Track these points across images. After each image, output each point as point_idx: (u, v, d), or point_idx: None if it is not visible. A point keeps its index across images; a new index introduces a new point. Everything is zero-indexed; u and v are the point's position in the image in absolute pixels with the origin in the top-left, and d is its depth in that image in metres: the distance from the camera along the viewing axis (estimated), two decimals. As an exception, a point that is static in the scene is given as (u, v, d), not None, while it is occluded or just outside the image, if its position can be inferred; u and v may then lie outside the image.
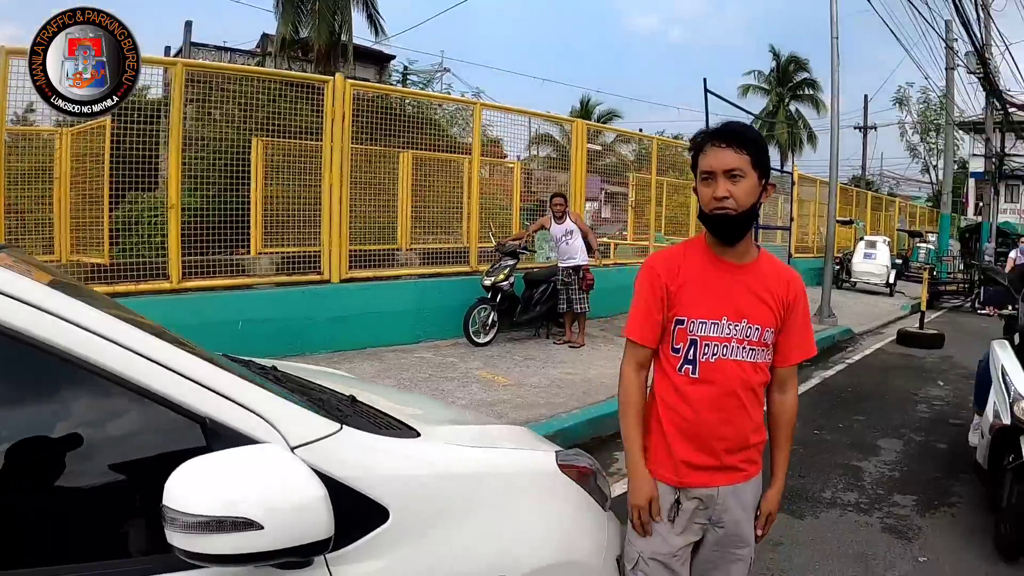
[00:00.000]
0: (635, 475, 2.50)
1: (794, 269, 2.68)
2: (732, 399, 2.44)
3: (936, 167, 45.94)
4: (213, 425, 1.60)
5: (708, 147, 2.34)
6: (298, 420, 1.76)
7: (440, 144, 11.45)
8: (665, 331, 2.47)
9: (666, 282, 2.44)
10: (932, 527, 5.26)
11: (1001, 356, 5.17)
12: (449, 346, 9.49)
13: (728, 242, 2.41)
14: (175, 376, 1.59)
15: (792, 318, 2.52)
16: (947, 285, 22.08)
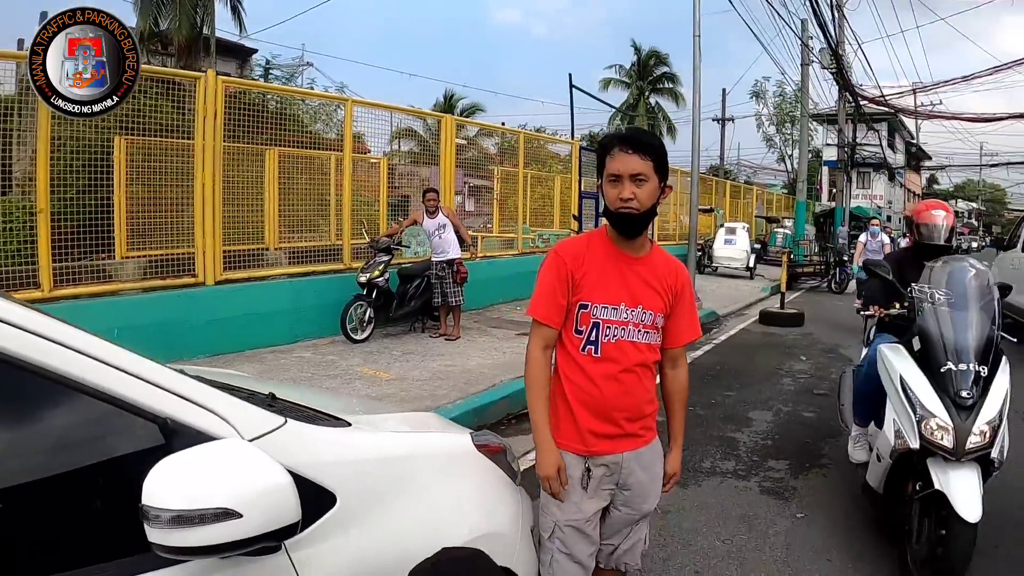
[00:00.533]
0: (542, 448, 2.78)
1: (680, 261, 3.12)
2: (630, 375, 2.80)
3: (791, 156, 48.84)
4: (174, 424, 1.71)
5: (616, 151, 2.68)
6: (249, 416, 1.90)
7: (304, 141, 11.59)
8: (569, 314, 2.79)
9: (572, 269, 2.76)
10: (806, 487, 6.01)
11: (899, 366, 4.50)
12: (327, 344, 9.79)
13: (629, 237, 2.79)
14: (134, 379, 1.69)
15: (680, 304, 2.93)
16: (804, 267, 23.80)
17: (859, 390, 5.35)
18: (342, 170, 10.98)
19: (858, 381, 5.39)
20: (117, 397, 1.65)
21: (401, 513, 2.23)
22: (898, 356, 4.60)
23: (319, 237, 11.40)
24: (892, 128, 53.46)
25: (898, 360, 4.55)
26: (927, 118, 42.24)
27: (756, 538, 5.01)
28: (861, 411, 5.33)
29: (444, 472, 2.56)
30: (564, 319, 2.82)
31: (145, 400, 1.69)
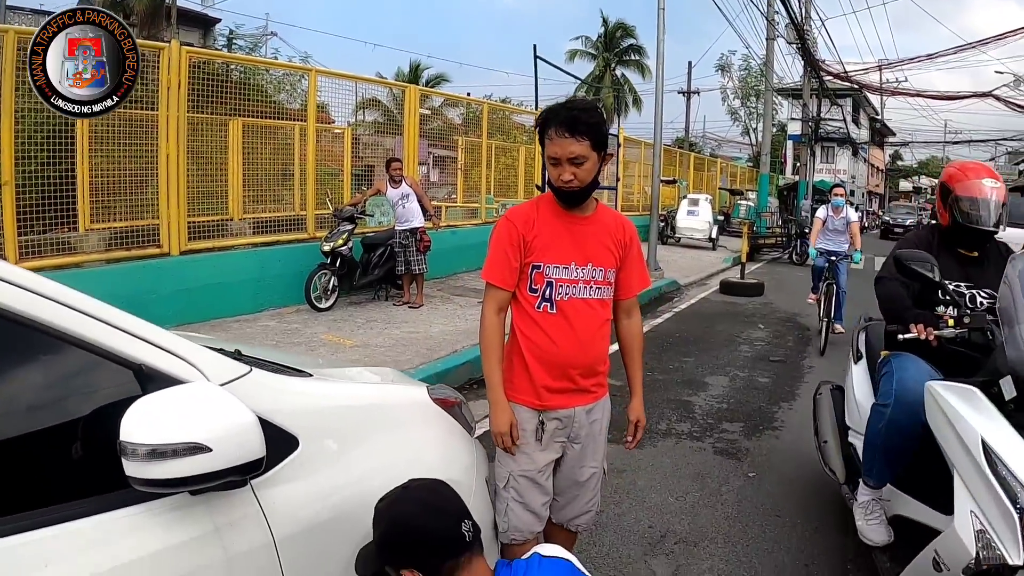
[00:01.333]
0: (496, 406, 2.93)
1: (625, 216, 3.29)
2: (584, 332, 2.95)
3: (756, 130, 49.42)
4: (148, 370, 1.81)
5: (553, 134, 2.80)
6: (217, 364, 2.00)
7: (268, 111, 11.56)
8: (522, 275, 2.93)
9: (523, 233, 2.90)
10: (758, 448, 6.27)
11: (978, 423, 2.90)
12: (292, 313, 9.88)
13: (573, 208, 2.96)
14: (112, 329, 1.79)
15: (629, 256, 3.09)
16: (766, 239, 24.18)
17: (881, 442, 3.68)
18: (306, 140, 11.00)
19: (876, 426, 3.72)
20: (95, 345, 1.75)
21: (361, 458, 2.35)
22: (972, 406, 3.00)
23: (283, 207, 11.42)
24: (856, 104, 54.06)
25: (975, 413, 2.95)
26: (891, 95, 42.91)
27: (708, 496, 5.22)
28: (879, 469, 3.77)
29: (402, 421, 2.71)
30: (518, 281, 2.96)
31: (122, 347, 1.79)
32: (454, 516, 2.03)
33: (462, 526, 2.01)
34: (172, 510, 1.80)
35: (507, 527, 3.02)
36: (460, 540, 1.99)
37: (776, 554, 4.43)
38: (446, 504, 2.07)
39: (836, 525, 4.83)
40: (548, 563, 2.09)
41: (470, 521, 2.05)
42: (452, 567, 1.97)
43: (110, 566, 1.67)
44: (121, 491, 1.72)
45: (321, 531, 2.13)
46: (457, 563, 1.98)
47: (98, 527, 1.69)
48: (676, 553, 4.37)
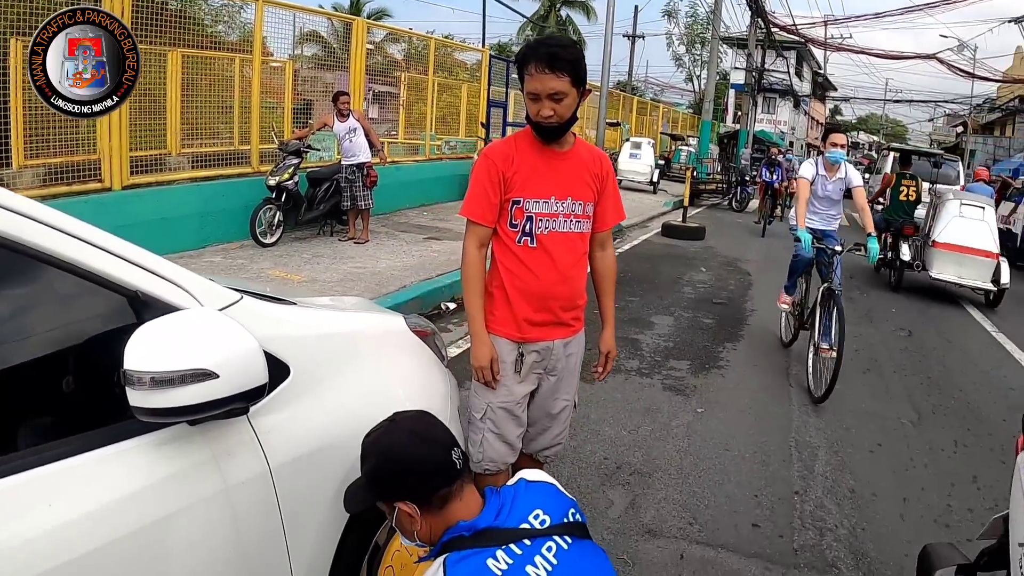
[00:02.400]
0: (477, 340, 2.98)
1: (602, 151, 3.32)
2: (564, 265, 3.00)
3: (699, 77, 49.51)
4: (144, 297, 1.78)
5: (533, 69, 2.79)
6: (211, 290, 1.97)
7: (206, 43, 11.22)
8: (503, 211, 2.96)
9: (502, 169, 2.91)
10: (705, 385, 6.44)
11: None
12: (237, 248, 9.72)
13: (552, 142, 3.01)
14: (106, 254, 1.74)
15: (606, 190, 3.13)
16: (707, 185, 24.49)
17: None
18: (248, 73, 10.72)
19: None
20: (90, 271, 1.70)
21: (348, 385, 2.37)
22: None
23: (224, 141, 11.13)
24: (801, 57, 54.61)
25: None
26: (836, 50, 43.41)
27: (659, 429, 5.36)
28: None
29: (384, 349, 2.74)
30: (498, 216, 2.98)
31: (117, 274, 1.75)
32: (444, 444, 2.04)
33: (452, 453, 2.02)
34: (170, 441, 1.77)
35: (481, 457, 3.08)
36: (452, 467, 2.00)
37: (726, 485, 4.59)
38: (435, 432, 2.08)
39: (782, 459, 5.04)
40: (535, 487, 2.12)
41: (459, 449, 2.06)
42: (445, 495, 1.99)
43: (112, 501, 1.64)
44: (119, 423, 1.70)
45: (312, 459, 2.15)
46: (450, 491, 1.99)
47: (98, 462, 1.65)
48: (632, 484, 4.49)
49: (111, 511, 1.63)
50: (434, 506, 1.99)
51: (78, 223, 1.75)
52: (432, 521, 2.01)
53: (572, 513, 2.09)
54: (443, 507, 2.00)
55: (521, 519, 1.99)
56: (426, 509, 1.99)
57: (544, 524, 2.00)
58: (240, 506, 1.90)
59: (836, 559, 3.89)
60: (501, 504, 2.03)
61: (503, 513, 2.00)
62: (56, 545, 1.52)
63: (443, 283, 8.49)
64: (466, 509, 2.01)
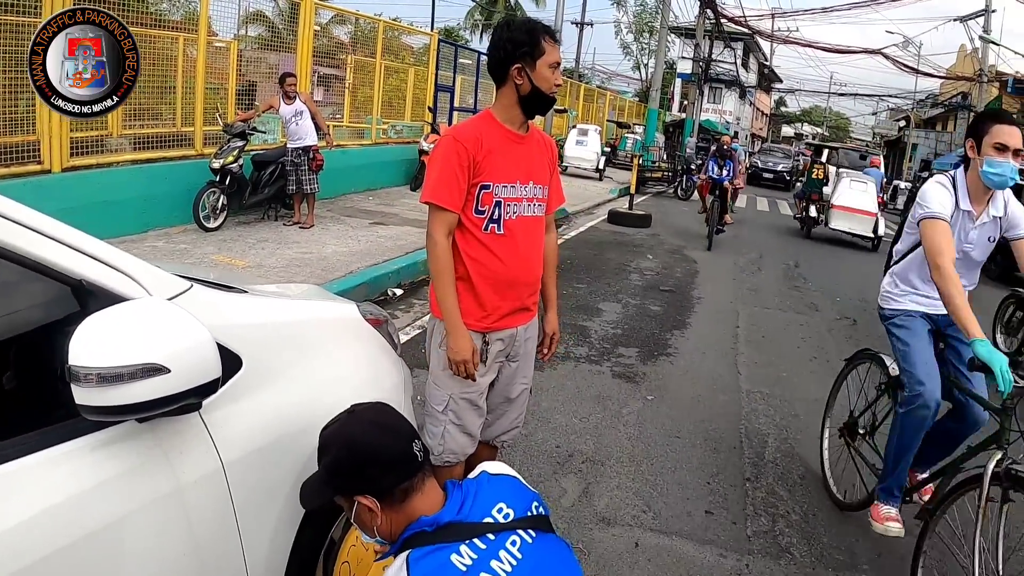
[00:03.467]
0: (455, 332, 2.88)
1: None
2: (529, 249, 3.01)
3: (647, 66, 49.74)
4: (88, 286, 1.68)
5: (551, 42, 2.90)
6: (158, 278, 1.88)
7: (148, 21, 10.95)
8: (468, 197, 2.88)
9: (472, 153, 2.84)
10: (654, 372, 6.44)
11: None
12: (179, 232, 9.47)
13: (541, 115, 3.08)
14: (47, 239, 1.64)
15: (554, 174, 3.18)
16: (653, 172, 24.57)
17: None
18: (192, 53, 10.47)
19: None
20: (29, 257, 1.60)
21: (301, 376, 2.30)
22: None
23: (166, 123, 10.85)
24: (748, 48, 55.18)
25: None
26: (783, 43, 44.00)
27: (610, 417, 5.36)
28: None
29: (338, 337, 2.66)
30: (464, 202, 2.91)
31: (59, 261, 1.64)
32: (405, 435, 1.99)
33: (414, 445, 1.97)
34: (119, 440, 1.68)
35: (442, 450, 3.05)
36: (413, 459, 1.96)
37: (679, 472, 4.60)
38: (396, 423, 2.02)
39: (732, 446, 5.08)
40: (498, 480, 2.08)
41: (420, 441, 2.01)
42: (407, 488, 1.94)
43: (58, 504, 1.54)
44: (64, 423, 1.61)
45: (266, 454, 2.07)
46: (411, 484, 1.94)
47: (42, 464, 1.55)
48: (584, 472, 4.47)
49: (57, 515, 1.54)
50: (395, 500, 1.94)
51: (16, 206, 1.65)
52: (393, 516, 1.95)
53: (536, 506, 2.06)
54: (404, 501, 1.94)
55: (484, 513, 1.95)
56: (387, 503, 1.94)
57: (508, 518, 1.96)
58: (193, 504, 1.82)
59: (789, 544, 3.92)
60: (464, 498, 1.99)
61: (466, 507, 1.96)
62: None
63: (390, 268, 8.40)
64: (428, 503, 1.96)
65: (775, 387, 6.30)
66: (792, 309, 9.57)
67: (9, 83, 8.30)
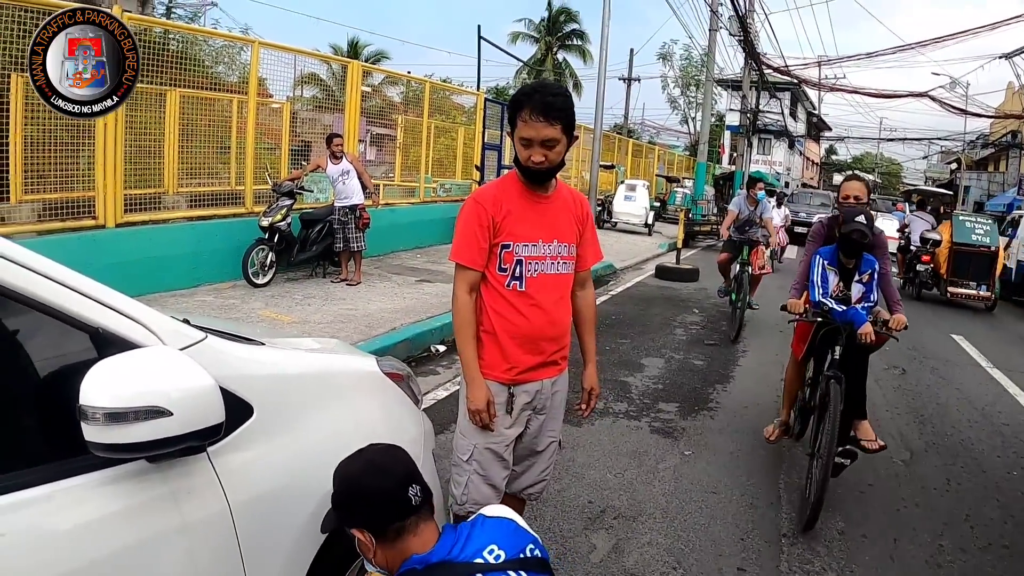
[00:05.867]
0: (473, 383, 3.01)
1: (580, 192, 3.41)
2: (552, 306, 3.08)
3: (694, 119, 49.97)
4: (105, 334, 1.80)
5: (527, 116, 2.86)
6: (173, 329, 1.98)
7: (205, 83, 11.31)
8: (491, 256, 3.00)
9: (492, 214, 2.96)
10: (694, 428, 6.39)
11: None
12: (229, 288, 9.72)
13: (540, 185, 3.07)
14: (69, 291, 1.77)
15: (586, 231, 3.23)
16: (701, 226, 24.49)
17: None
18: (245, 113, 10.80)
19: None
20: (52, 307, 1.72)
21: (313, 427, 2.38)
22: None
23: (220, 181, 11.19)
24: (795, 97, 55.12)
25: None
26: (830, 90, 43.79)
27: (646, 473, 5.32)
28: None
29: (353, 390, 2.74)
30: (487, 261, 3.02)
31: (79, 310, 1.76)
32: (399, 478, 2.06)
33: (409, 489, 2.04)
34: (128, 477, 1.79)
35: (466, 500, 3.10)
36: (405, 502, 2.03)
37: (712, 528, 4.54)
38: (393, 465, 2.10)
39: (770, 502, 4.99)
40: (492, 522, 2.12)
41: (418, 486, 2.08)
42: (399, 528, 2.02)
43: (66, 534, 1.66)
44: (76, 458, 1.70)
45: (274, 498, 2.15)
46: (403, 525, 2.02)
47: (54, 495, 1.67)
48: (616, 528, 4.44)
49: (65, 542, 1.65)
50: (388, 538, 2.03)
51: (42, 259, 1.77)
52: (386, 552, 2.04)
53: (530, 548, 2.09)
54: (396, 539, 2.03)
55: (476, 554, 2.01)
56: (380, 539, 2.03)
57: (499, 559, 2.01)
58: (199, 543, 1.90)
59: (822, 604, 3.84)
60: (456, 539, 2.05)
61: (456, 547, 2.02)
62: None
63: (433, 325, 8.47)
64: (421, 544, 2.05)
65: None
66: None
67: (70, 141, 8.63)
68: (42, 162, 8.52)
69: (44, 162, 8.53)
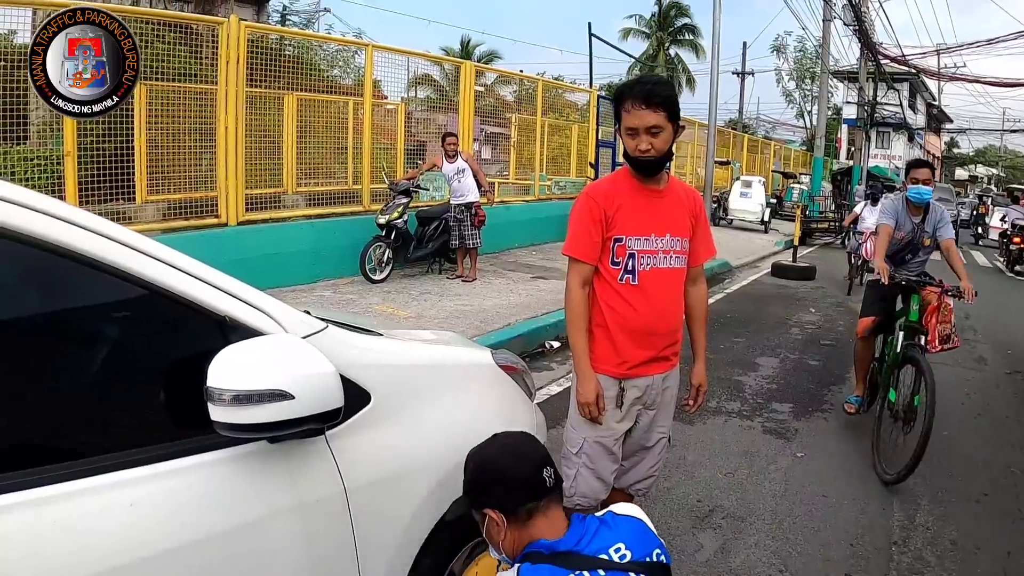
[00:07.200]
0: (583, 376, 3.05)
1: (693, 188, 3.41)
2: (664, 300, 3.09)
3: (810, 113, 48.78)
4: (232, 322, 1.89)
5: (630, 106, 2.89)
6: (296, 318, 2.09)
7: (321, 86, 11.67)
8: (604, 249, 3.03)
9: (604, 208, 3.00)
10: (807, 429, 6.25)
11: None
12: (347, 284, 10.01)
13: (650, 177, 3.05)
14: (200, 282, 1.89)
15: (699, 226, 3.22)
16: (819, 223, 23.90)
17: None
18: (361, 115, 11.11)
19: None
20: (185, 298, 1.85)
21: (428, 416, 2.44)
22: None
23: (337, 181, 11.56)
24: (913, 88, 52.99)
25: None
26: (949, 80, 41.98)
27: (756, 473, 5.25)
28: None
29: (468, 381, 2.80)
30: (600, 254, 3.05)
31: (209, 300, 1.88)
32: (534, 460, 2.10)
33: (543, 471, 2.08)
34: (251, 456, 1.89)
35: (574, 492, 3.14)
36: (540, 484, 2.06)
37: (822, 532, 4.44)
38: (528, 449, 2.15)
39: (882, 507, 4.85)
40: (622, 520, 2.13)
41: (552, 468, 2.12)
42: (532, 509, 2.05)
43: (191, 507, 1.77)
44: (203, 436, 1.81)
45: (388, 484, 2.22)
46: (536, 506, 2.05)
47: (181, 470, 1.79)
48: (723, 528, 4.41)
49: (190, 514, 1.77)
50: (520, 518, 2.06)
51: (175, 253, 1.90)
52: (516, 534, 2.07)
53: (657, 553, 2.08)
54: (528, 521, 2.06)
55: (601, 549, 2.01)
56: (512, 520, 2.06)
57: (624, 559, 2.01)
58: (314, 522, 1.99)
59: (933, 614, 3.73)
60: (584, 531, 2.06)
61: (584, 540, 2.03)
62: (132, 543, 1.66)
63: (548, 322, 8.53)
64: (550, 528, 2.06)
65: (935, 445, 6.01)
66: (958, 363, 9.05)
67: (194, 144, 9.01)
68: (167, 165, 8.94)
69: (169, 165, 8.95)
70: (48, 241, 1.63)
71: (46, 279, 1.73)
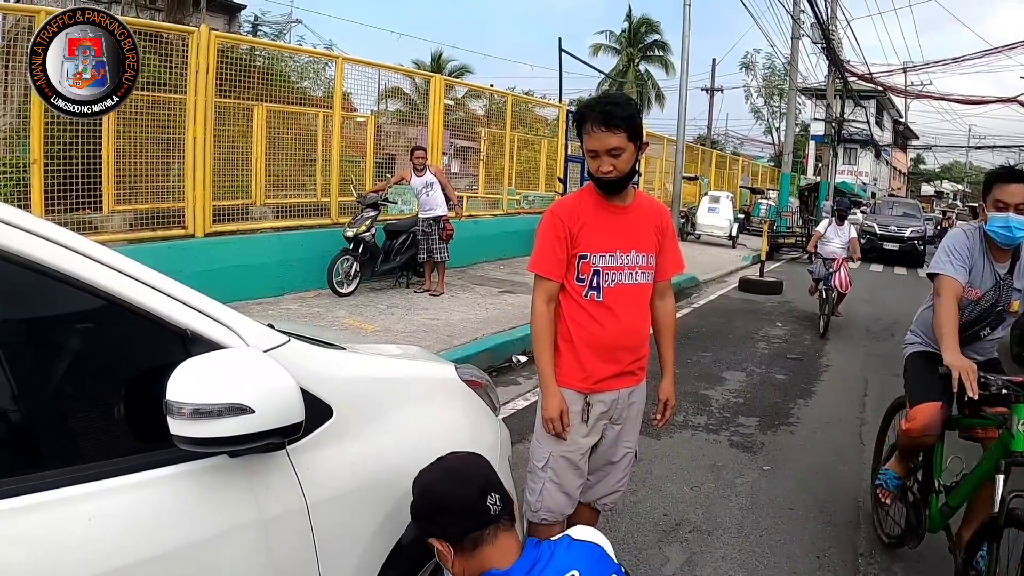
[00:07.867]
0: (548, 392, 3.08)
1: (660, 202, 3.43)
2: (630, 316, 3.10)
3: (778, 129, 49.39)
4: (193, 335, 1.88)
5: (591, 128, 2.90)
6: (258, 332, 2.08)
7: (291, 98, 11.63)
8: (569, 266, 3.05)
9: (569, 226, 3.02)
10: (773, 442, 6.30)
11: None
12: (314, 297, 9.96)
13: (613, 196, 3.07)
14: (160, 294, 1.87)
15: (666, 241, 3.24)
16: (786, 238, 24.07)
17: None
18: (330, 127, 11.09)
19: None
20: (146, 310, 1.83)
21: (390, 430, 2.44)
22: None
23: (306, 193, 11.51)
24: (880, 106, 53.76)
25: None
26: (916, 97, 42.58)
27: (723, 487, 5.27)
28: None
29: (431, 396, 2.79)
30: (565, 271, 3.07)
31: (170, 313, 1.87)
32: (478, 486, 2.06)
33: (487, 498, 2.04)
34: (211, 471, 1.87)
35: (540, 507, 3.15)
36: (483, 512, 2.02)
37: (788, 545, 4.47)
38: (471, 474, 2.11)
39: (848, 519, 4.89)
40: (578, 546, 2.07)
41: (497, 494, 2.07)
42: (476, 538, 2.01)
43: (150, 521, 1.75)
44: (163, 450, 1.79)
45: (351, 499, 2.21)
46: (481, 535, 2.01)
47: (140, 484, 1.76)
48: (690, 541, 4.42)
49: (149, 527, 1.75)
50: (465, 548, 2.02)
51: (137, 265, 1.88)
52: (464, 563, 2.03)
53: None
54: (474, 550, 2.02)
55: None
56: (458, 549, 2.03)
57: None
58: (275, 537, 1.97)
59: (898, 624, 3.76)
60: (538, 558, 2.02)
61: (536, 568, 1.98)
62: (90, 557, 1.64)
63: (515, 336, 8.52)
64: (499, 557, 2.02)
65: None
66: None
67: (163, 154, 8.94)
68: (135, 174, 8.86)
69: (137, 174, 8.87)
70: (3, 250, 1.62)
71: (1, 290, 1.70)
